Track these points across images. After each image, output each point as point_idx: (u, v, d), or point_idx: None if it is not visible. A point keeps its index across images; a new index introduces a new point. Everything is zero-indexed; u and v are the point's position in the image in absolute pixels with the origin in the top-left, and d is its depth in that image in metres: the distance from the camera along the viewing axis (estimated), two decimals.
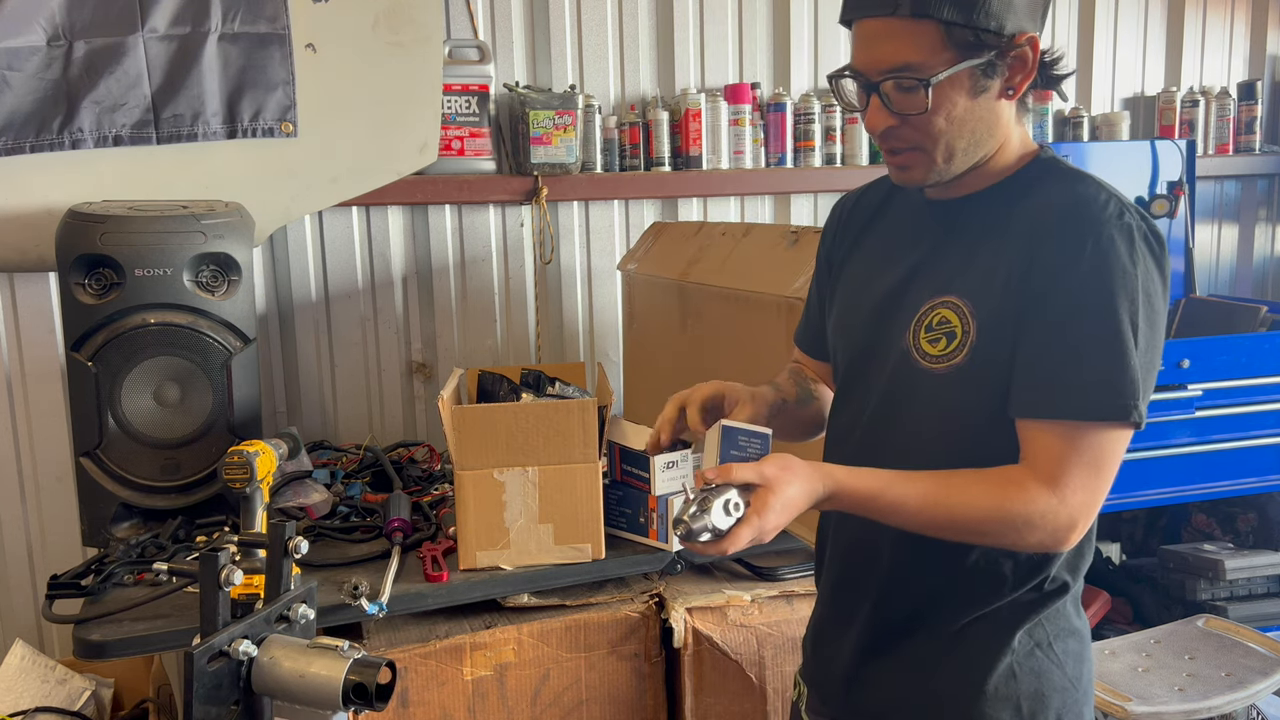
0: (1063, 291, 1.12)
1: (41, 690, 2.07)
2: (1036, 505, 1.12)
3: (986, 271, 1.19)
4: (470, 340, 2.82)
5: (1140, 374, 1.12)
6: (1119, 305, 1.11)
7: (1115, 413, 1.12)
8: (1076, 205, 1.16)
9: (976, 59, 1.13)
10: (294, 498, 2.08)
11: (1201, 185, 3.47)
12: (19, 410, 2.46)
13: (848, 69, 1.21)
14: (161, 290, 2.04)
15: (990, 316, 1.17)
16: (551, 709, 1.90)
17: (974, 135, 1.19)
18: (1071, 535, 1.15)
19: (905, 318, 1.25)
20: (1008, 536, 1.15)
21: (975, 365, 1.18)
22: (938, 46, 1.12)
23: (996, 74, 1.16)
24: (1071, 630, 1.28)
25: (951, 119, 1.16)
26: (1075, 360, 1.12)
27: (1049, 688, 1.25)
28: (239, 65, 2.38)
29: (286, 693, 0.96)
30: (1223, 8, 3.52)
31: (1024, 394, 1.15)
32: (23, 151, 2.27)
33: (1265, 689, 2.17)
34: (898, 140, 1.19)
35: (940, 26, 1.11)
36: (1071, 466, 1.13)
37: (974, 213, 1.25)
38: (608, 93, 2.88)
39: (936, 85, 1.13)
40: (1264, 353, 2.86)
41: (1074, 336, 1.12)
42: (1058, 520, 1.13)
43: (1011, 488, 1.13)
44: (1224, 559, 2.90)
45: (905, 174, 1.24)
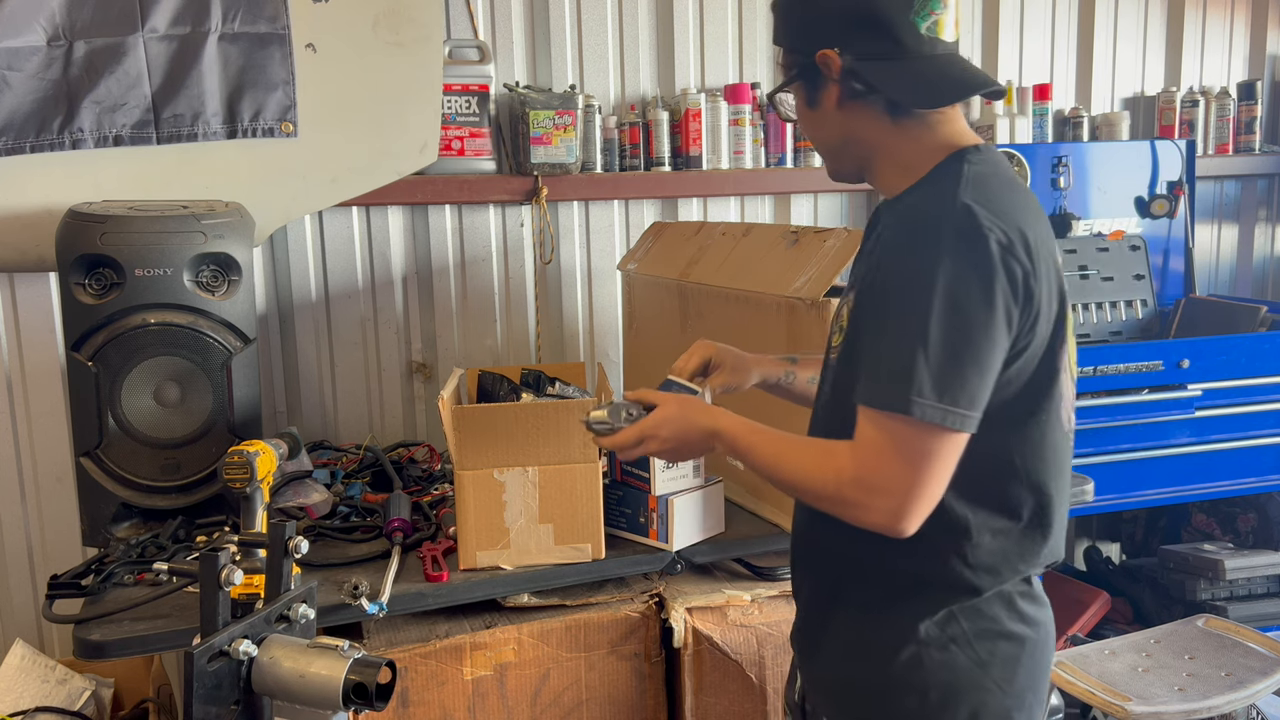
0: (879, 288, 1.21)
1: (41, 690, 2.07)
2: (841, 481, 1.20)
3: (863, 271, 1.31)
4: (470, 340, 2.82)
5: (932, 370, 1.13)
6: (918, 302, 1.14)
7: (899, 405, 1.14)
8: (914, 206, 1.24)
9: (800, 76, 1.31)
10: (294, 498, 2.08)
11: (1201, 185, 3.47)
12: (19, 410, 2.46)
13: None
14: (161, 290, 2.04)
15: (858, 312, 1.27)
16: (551, 709, 1.90)
17: (829, 142, 1.35)
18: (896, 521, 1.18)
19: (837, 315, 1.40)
20: (824, 503, 1.24)
21: (847, 354, 1.28)
22: (781, 67, 1.35)
23: (819, 87, 1.30)
24: (1002, 633, 1.29)
25: (806, 126, 1.37)
26: (875, 353, 1.19)
27: (964, 683, 1.27)
28: (239, 65, 2.38)
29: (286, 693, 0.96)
30: (1223, 8, 3.52)
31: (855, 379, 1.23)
32: (23, 151, 2.27)
33: (1265, 689, 2.17)
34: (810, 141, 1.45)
35: (782, 50, 1.34)
36: (874, 453, 1.18)
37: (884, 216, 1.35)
38: (608, 93, 2.88)
39: (780, 99, 1.37)
40: (1264, 353, 2.86)
41: (878, 330, 1.20)
42: (870, 500, 1.18)
43: (827, 459, 1.22)
44: (1224, 559, 2.90)
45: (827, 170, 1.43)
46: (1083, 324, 3.20)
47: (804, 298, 1.88)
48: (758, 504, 2.13)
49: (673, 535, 1.93)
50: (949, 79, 1.26)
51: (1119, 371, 2.74)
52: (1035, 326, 1.19)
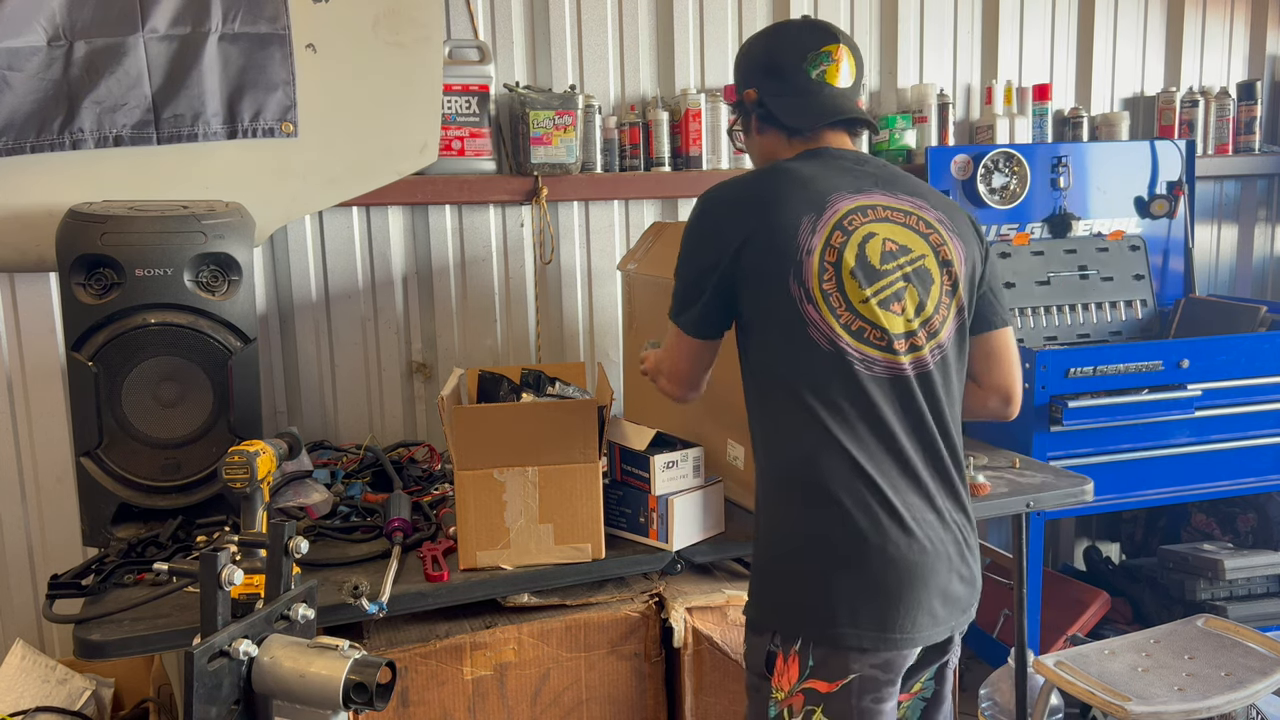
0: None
1: (42, 690, 2.07)
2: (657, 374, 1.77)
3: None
4: (470, 340, 2.82)
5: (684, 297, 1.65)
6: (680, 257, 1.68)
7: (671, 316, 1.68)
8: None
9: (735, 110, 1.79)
10: (294, 498, 2.08)
11: (1201, 185, 3.48)
12: (19, 410, 2.46)
13: None
14: (162, 290, 2.04)
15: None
16: (551, 709, 1.90)
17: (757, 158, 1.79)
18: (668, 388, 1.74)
19: None
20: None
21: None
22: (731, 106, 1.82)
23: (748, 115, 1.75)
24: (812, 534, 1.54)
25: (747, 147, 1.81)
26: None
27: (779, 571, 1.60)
28: (239, 65, 2.38)
29: (287, 692, 0.96)
30: (1222, 8, 3.52)
31: None
32: (23, 151, 2.27)
33: (1265, 689, 2.17)
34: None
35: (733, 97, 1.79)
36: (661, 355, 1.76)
37: None
38: (608, 93, 2.88)
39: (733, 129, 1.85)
40: (1264, 353, 2.86)
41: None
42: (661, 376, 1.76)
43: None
44: (1223, 559, 2.90)
45: None
46: (1083, 324, 3.20)
47: None
48: None
49: (673, 535, 1.93)
50: (820, 110, 1.67)
51: (1119, 371, 2.74)
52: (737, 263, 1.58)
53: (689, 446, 1.98)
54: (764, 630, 1.56)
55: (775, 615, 1.55)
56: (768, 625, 1.56)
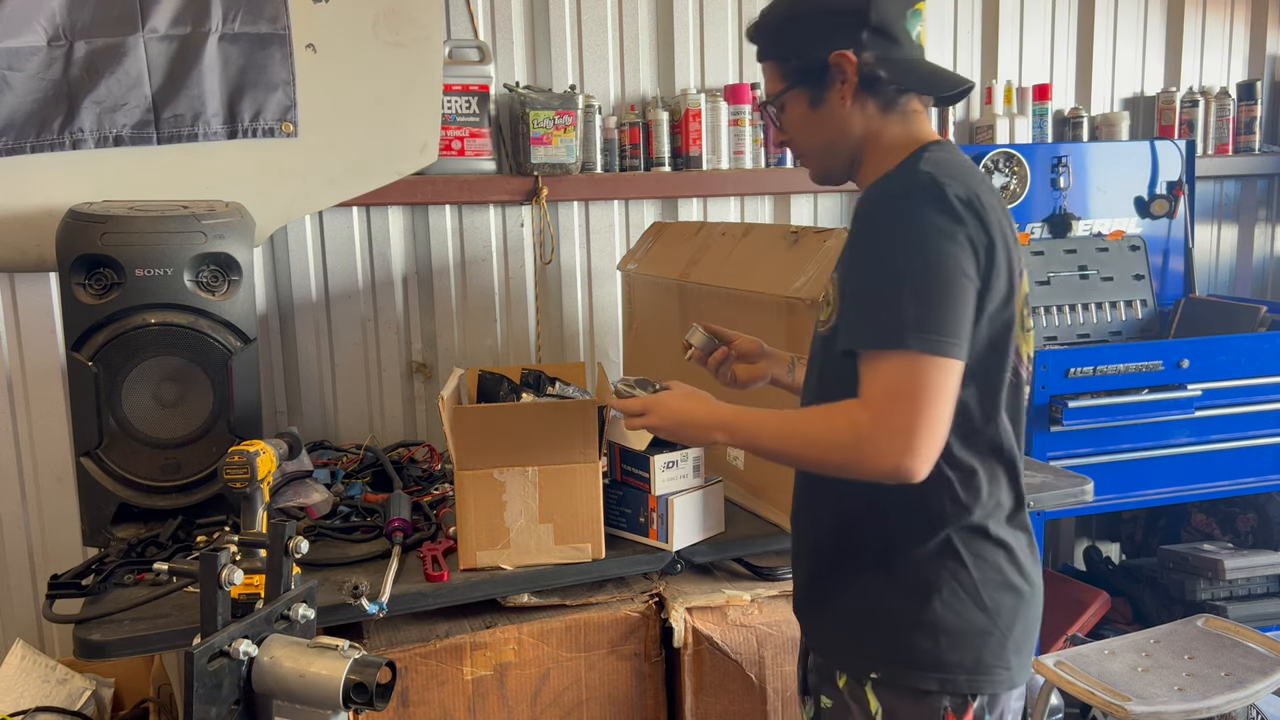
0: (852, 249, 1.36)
1: (42, 690, 2.07)
2: (853, 419, 1.26)
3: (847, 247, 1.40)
4: (470, 340, 2.82)
5: (914, 310, 1.24)
6: (893, 247, 1.28)
7: (905, 341, 1.24)
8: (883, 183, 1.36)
9: (804, 80, 1.43)
10: (294, 498, 2.08)
11: (1201, 185, 3.48)
12: (19, 410, 2.46)
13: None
14: (162, 290, 2.04)
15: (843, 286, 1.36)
16: (551, 709, 1.90)
17: (829, 138, 1.45)
18: (899, 458, 1.23)
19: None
20: (836, 454, 1.28)
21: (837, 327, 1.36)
22: (777, 77, 1.47)
23: (825, 86, 1.42)
24: (1006, 584, 1.39)
25: (806, 128, 1.46)
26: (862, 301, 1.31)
27: (972, 629, 1.37)
28: (239, 65, 2.38)
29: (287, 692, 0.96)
30: (1222, 8, 3.52)
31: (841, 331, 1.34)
32: (23, 151, 2.27)
33: (1265, 689, 2.17)
34: (792, 148, 1.53)
35: (774, 63, 1.47)
36: (876, 389, 1.26)
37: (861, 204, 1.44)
38: (608, 93, 2.88)
39: (780, 106, 1.48)
40: (1264, 353, 2.86)
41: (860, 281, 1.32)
42: (876, 440, 1.24)
43: (836, 409, 1.29)
44: (1223, 559, 2.90)
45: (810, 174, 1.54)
46: (1083, 324, 3.20)
47: (804, 298, 1.88)
48: (757, 504, 2.13)
49: (673, 535, 1.93)
50: (938, 75, 1.46)
51: (1119, 371, 2.74)
52: (993, 279, 1.30)
53: (689, 446, 1.98)
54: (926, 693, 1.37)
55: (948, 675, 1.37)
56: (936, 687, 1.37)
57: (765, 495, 2.12)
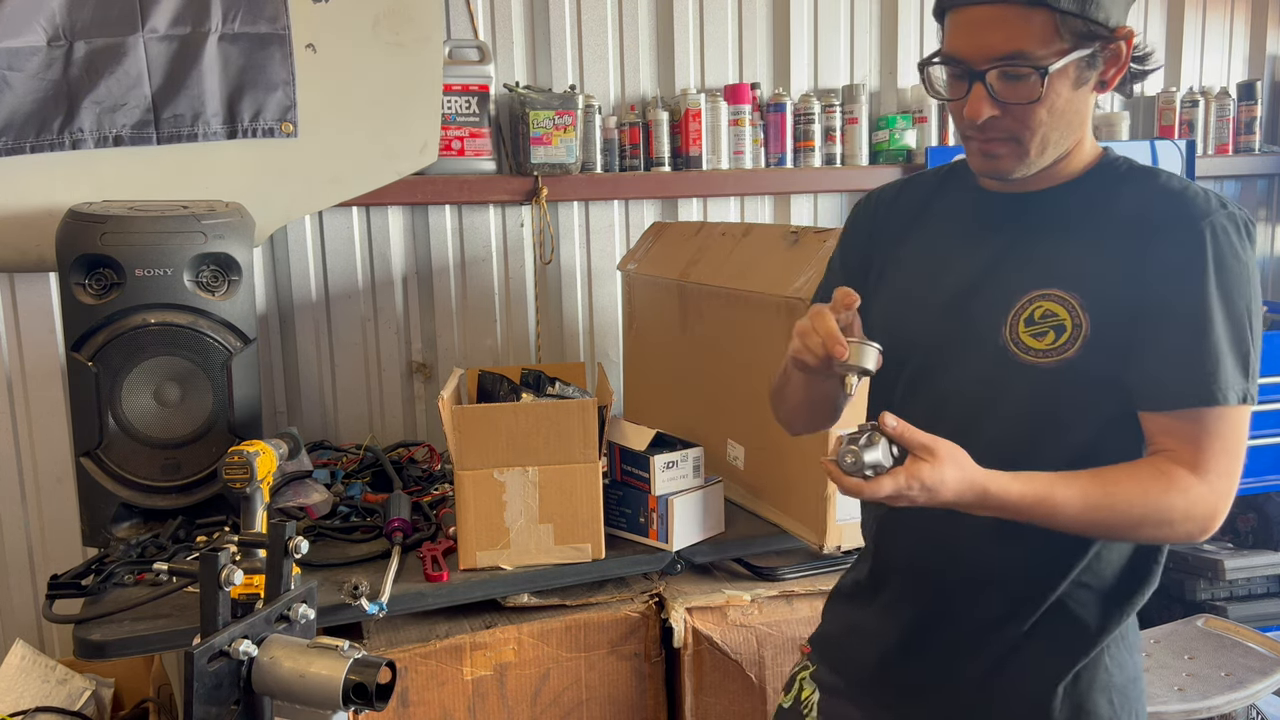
0: (1190, 286, 1.14)
1: (42, 690, 2.07)
2: (1190, 494, 1.14)
3: (1090, 265, 1.19)
4: (470, 340, 2.82)
5: (1256, 357, 1.16)
6: (1238, 295, 1.15)
7: (1246, 396, 1.16)
8: (1183, 200, 1.19)
9: (1085, 50, 1.14)
10: (294, 498, 2.08)
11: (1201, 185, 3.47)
12: (19, 410, 2.46)
13: (944, 56, 1.19)
14: (162, 290, 2.04)
15: (1104, 310, 1.17)
16: (551, 709, 1.90)
17: (1068, 127, 1.20)
18: (1217, 521, 1.17)
19: (996, 312, 1.23)
20: (1162, 530, 1.16)
21: (1089, 358, 1.17)
22: (1050, 35, 1.12)
23: (1096, 66, 1.18)
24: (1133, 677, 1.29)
25: (1054, 110, 1.17)
26: (1211, 348, 1.14)
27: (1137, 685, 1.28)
28: (239, 65, 2.38)
29: (287, 693, 0.96)
30: (1222, 8, 3.52)
31: (1161, 386, 1.16)
32: (23, 152, 2.27)
33: (1265, 689, 2.17)
34: (995, 130, 1.19)
35: (1054, 15, 1.11)
36: (1215, 453, 1.15)
37: (1058, 207, 1.25)
38: (608, 93, 2.88)
39: (1044, 74, 1.13)
40: (1264, 353, 2.85)
41: (1209, 327, 1.14)
42: (1207, 507, 1.15)
43: (1164, 479, 1.14)
44: (1223, 559, 2.90)
45: (994, 163, 1.22)
46: None
47: (804, 298, 1.88)
48: (757, 504, 2.13)
49: (673, 535, 1.93)
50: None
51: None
52: None
53: (689, 446, 1.98)
54: None
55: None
56: None
57: (765, 495, 2.12)
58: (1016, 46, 1.12)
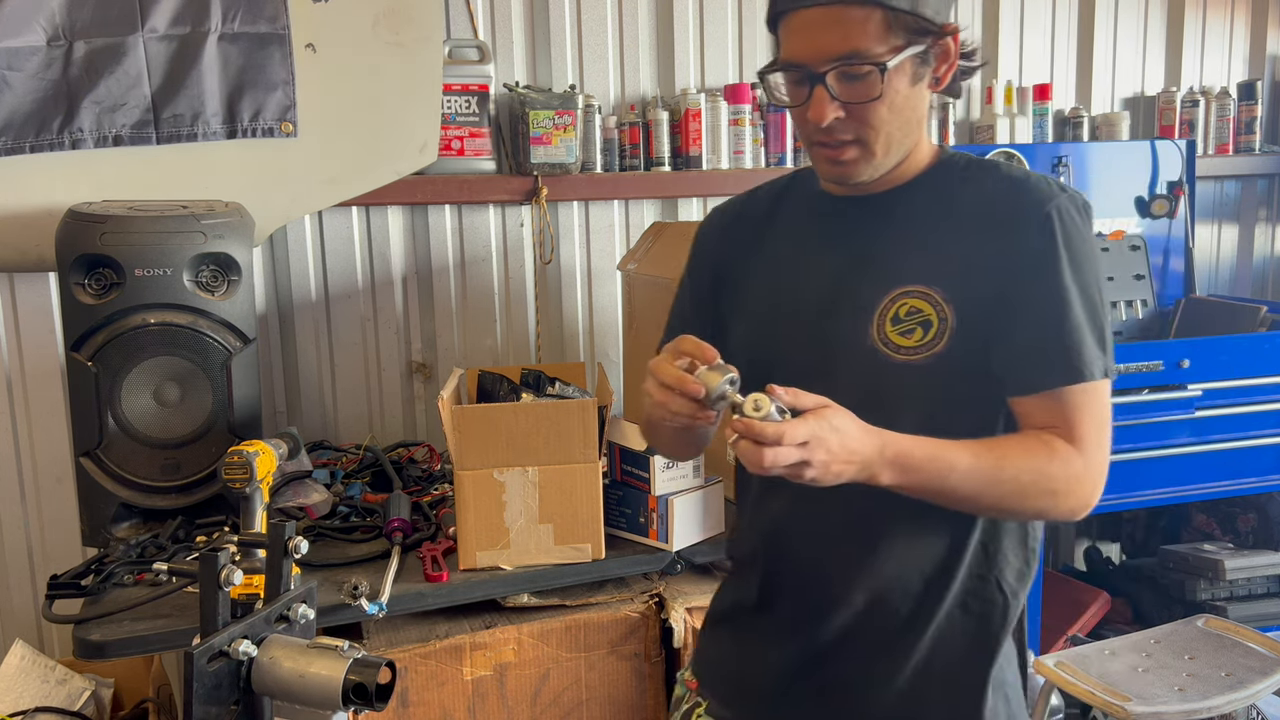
0: (1046, 272, 1.17)
1: (41, 690, 2.07)
2: (1071, 465, 1.15)
3: (946, 259, 1.20)
4: (470, 340, 2.82)
5: (1109, 331, 1.20)
6: (1090, 274, 1.18)
7: (1107, 370, 1.18)
8: (1026, 188, 1.21)
9: (918, 46, 1.15)
10: (294, 498, 2.08)
11: (1201, 185, 3.47)
12: (19, 410, 2.46)
13: (782, 63, 1.18)
14: (161, 290, 2.04)
15: (967, 302, 1.18)
16: (551, 709, 1.90)
17: (908, 126, 1.20)
18: (1097, 494, 1.18)
19: (861, 315, 1.22)
20: (1046, 500, 1.17)
21: (959, 351, 1.18)
22: (884, 33, 1.12)
23: (929, 63, 1.19)
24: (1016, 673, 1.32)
25: (894, 108, 1.17)
26: (1072, 329, 1.16)
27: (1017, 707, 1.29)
28: (239, 65, 2.38)
29: (286, 693, 0.96)
30: (1223, 8, 3.52)
31: (1031, 370, 1.18)
32: (23, 151, 2.27)
33: (1265, 689, 2.17)
34: (841, 133, 1.18)
35: (887, 13, 1.12)
36: (1088, 427, 1.17)
37: (906, 206, 1.25)
38: (608, 93, 2.88)
39: (884, 70, 1.13)
40: (1264, 353, 2.86)
41: (1067, 309, 1.16)
42: (1089, 479, 1.17)
43: (1047, 449, 1.15)
44: (1224, 559, 2.90)
45: (842, 169, 1.21)
46: None
47: None
48: None
49: (673, 535, 1.93)
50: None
51: (1119, 371, 2.73)
52: None
53: None
54: None
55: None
56: None
57: None
58: (853, 46, 1.12)
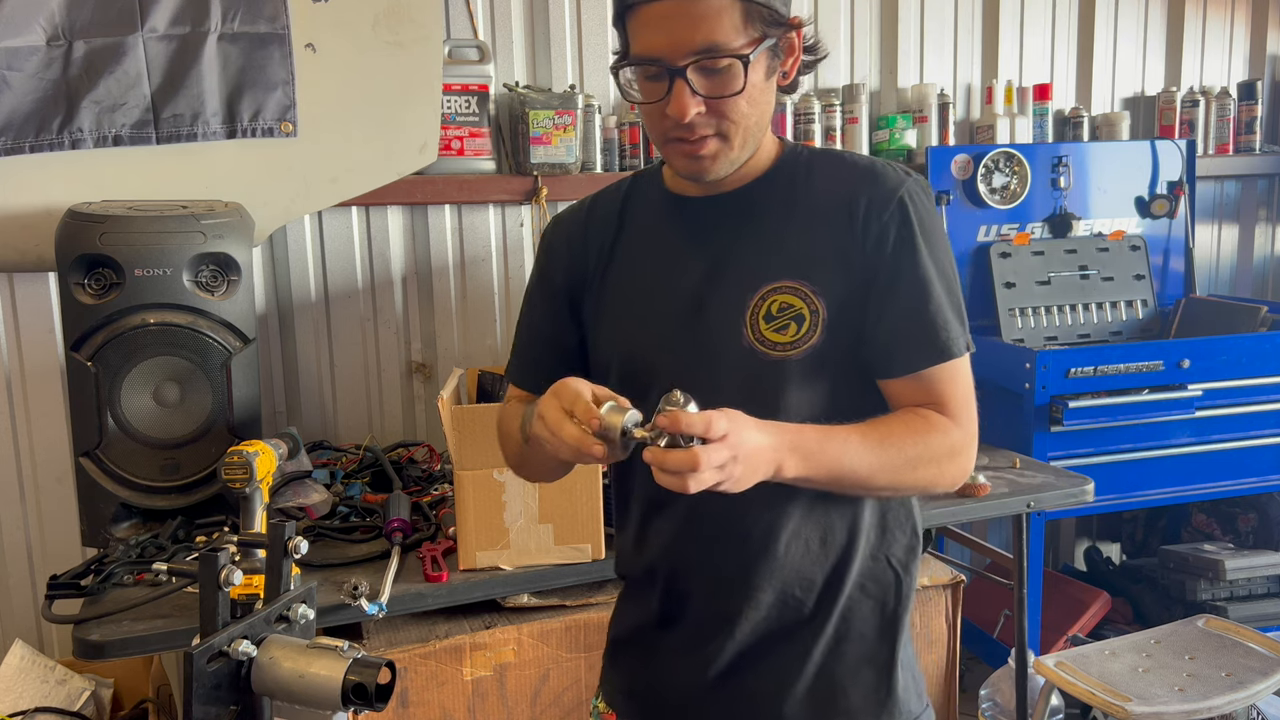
0: (906, 257, 1.18)
1: (41, 690, 2.07)
2: (950, 435, 1.18)
3: (809, 251, 1.20)
4: (470, 340, 2.82)
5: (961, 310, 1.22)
6: (943, 252, 1.21)
7: (968, 345, 1.21)
8: (876, 175, 1.21)
9: (771, 38, 1.13)
10: (294, 498, 2.08)
11: (1201, 185, 3.47)
12: (19, 410, 2.46)
13: (635, 57, 1.14)
14: (161, 290, 2.04)
15: (837, 292, 1.18)
16: (551, 709, 1.90)
17: (762, 118, 1.18)
18: (973, 461, 1.22)
19: (732, 314, 1.20)
20: (932, 469, 1.18)
21: (833, 342, 1.18)
22: (741, 25, 1.10)
23: (779, 56, 1.17)
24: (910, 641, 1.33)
25: (753, 101, 1.15)
26: (935, 310, 1.19)
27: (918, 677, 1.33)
28: (239, 65, 2.38)
29: (286, 693, 0.96)
30: (1223, 8, 3.52)
31: (899, 353, 1.19)
32: (22, 151, 2.27)
33: (1265, 689, 2.17)
34: (701, 128, 1.14)
35: (742, 4, 1.10)
36: (959, 401, 1.20)
37: (760, 201, 1.23)
38: (608, 93, 2.88)
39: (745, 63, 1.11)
40: (1264, 353, 2.86)
41: (928, 289, 1.19)
42: (966, 448, 1.20)
43: (925, 421, 1.18)
44: (1224, 559, 2.90)
45: (701, 164, 1.17)
46: (1083, 324, 3.20)
47: None
48: None
49: None
50: None
51: (1119, 371, 2.74)
52: None
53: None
54: None
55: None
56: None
57: None
58: (712, 38, 1.09)
